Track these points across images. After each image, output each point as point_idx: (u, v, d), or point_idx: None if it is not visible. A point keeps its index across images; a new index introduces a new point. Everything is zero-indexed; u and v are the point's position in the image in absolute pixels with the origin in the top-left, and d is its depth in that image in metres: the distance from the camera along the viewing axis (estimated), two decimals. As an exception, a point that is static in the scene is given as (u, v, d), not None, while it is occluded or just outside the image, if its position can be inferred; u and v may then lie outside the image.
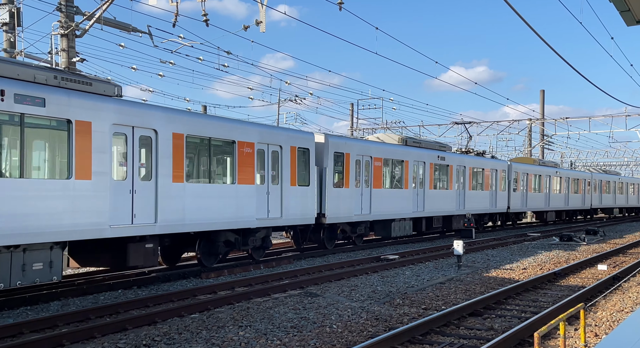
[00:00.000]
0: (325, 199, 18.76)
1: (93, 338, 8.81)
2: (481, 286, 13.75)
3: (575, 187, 42.46)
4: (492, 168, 30.75)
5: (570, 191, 41.06)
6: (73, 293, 12.08)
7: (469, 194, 28.14)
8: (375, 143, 22.81)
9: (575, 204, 42.35)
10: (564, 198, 40.06)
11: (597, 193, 46.79)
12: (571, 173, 42.57)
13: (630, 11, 7.25)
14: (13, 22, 17.44)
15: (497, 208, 31.23)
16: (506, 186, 31.95)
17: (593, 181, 46.02)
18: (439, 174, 26.10)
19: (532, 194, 35.08)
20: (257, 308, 10.90)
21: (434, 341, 8.78)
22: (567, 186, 40.39)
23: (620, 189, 53.02)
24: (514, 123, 46.60)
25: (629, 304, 11.68)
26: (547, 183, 37.29)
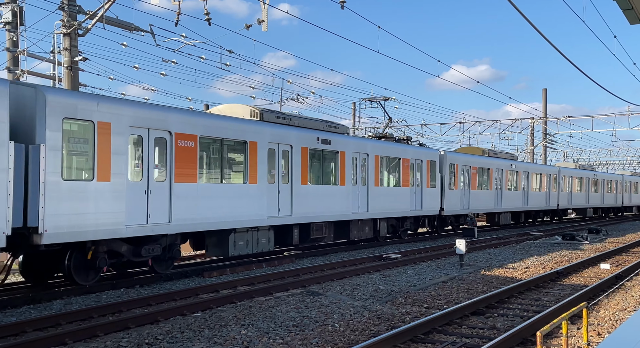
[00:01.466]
0: None
1: (96, 336, 8.83)
2: (483, 285, 13.74)
3: (538, 183, 36.49)
4: (415, 158, 23.94)
5: (531, 188, 35.30)
6: (75, 292, 12.09)
7: (375, 193, 21.12)
8: None
9: (537, 204, 36.23)
10: (522, 196, 34.06)
11: (565, 191, 40.29)
12: (532, 166, 36.59)
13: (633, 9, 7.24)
14: (16, 21, 17.47)
15: (424, 210, 24.58)
16: (438, 182, 25.75)
17: (561, 177, 39.45)
18: (320, 164, 18.69)
19: (477, 193, 28.97)
20: (260, 306, 10.91)
21: (437, 340, 8.77)
22: (526, 182, 34.44)
23: (595, 186, 46.28)
24: (516, 122, 46.58)
25: (631, 303, 11.66)
26: (499, 179, 31.23)
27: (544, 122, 48.40)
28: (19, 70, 17.89)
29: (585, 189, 43.67)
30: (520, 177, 33.83)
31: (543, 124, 48.56)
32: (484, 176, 29.86)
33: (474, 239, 24.68)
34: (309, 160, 17.80)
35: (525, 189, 34.34)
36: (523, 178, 34.21)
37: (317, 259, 18.49)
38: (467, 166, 28.14)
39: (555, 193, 38.46)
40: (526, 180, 34.50)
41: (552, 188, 37.94)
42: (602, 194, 47.52)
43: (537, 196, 36.09)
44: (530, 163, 43.59)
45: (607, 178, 48.76)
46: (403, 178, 23.17)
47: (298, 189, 17.41)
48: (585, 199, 43.95)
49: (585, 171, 44.86)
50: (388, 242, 23.72)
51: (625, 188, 52.59)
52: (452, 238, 24.37)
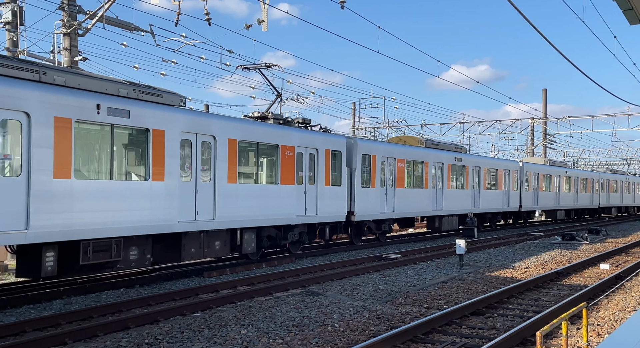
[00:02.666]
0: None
1: (96, 336, 8.83)
2: (483, 286, 13.74)
3: (494, 181, 30.63)
4: (306, 146, 17.74)
5: (483, 186, 29.47)
6: (75, 291, 12.10)
7: (228, 192, 14.87)
8: None
9: (492, 206, 30.37)
10: (471, 196, 28.28)
11: (531, 191, 34.73)
12: (484, 160, 30.74)
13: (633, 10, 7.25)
14: (16, 21, 17.47)
15: (321, 216, 18.42)
16: (344, 179, 19.50)
17: (524, 174, 33.76)
18: (122, 151, 12.81)
19: (405, 192, 23.04)
20: (259, 306, 10.91)
21: (436, 340, 8.78)
22: (477, 179, 28.59)
23: (567, 185, 40.34)
24: (516, 122, 46.60)
25: (631, 303, 11.67)
26: (438, 175, 25.53)
27: (543, 123, 48.43)
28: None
29: (555, 189, 38.24)
30: (468, 173, 28.00)
31: (543, 124, 48.59)
32: (416, 172, 24.00)
33: (474, 239, 24.69)
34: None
35: (476, 188, 28.74)
36: (472, 174, 28.41)
37: (317, 259, 18.49)
38: (389, 158, 22.05)
39: (516, 192, 32.76)
40: (477, 177, 28.84)
41: (513, 187, 32.26)
42: (576, 194, 41.90)
43: (491, 196, 30.29)
44: (485, 156, 39.04)
45: (581, 176, 43.27)
46: (284, 172, 16.84)
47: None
48: (555, 199, 38.22)
49: (555, 167, 39.15)
50: (387, 242, 23.72)
51: (602, 187, 47.63)
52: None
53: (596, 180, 46.15)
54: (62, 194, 10.92)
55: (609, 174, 50.19)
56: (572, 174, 41.12)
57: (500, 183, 31.21)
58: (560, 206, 39.23)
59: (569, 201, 40.63)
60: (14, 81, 10.50)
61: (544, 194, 36.55)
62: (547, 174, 37.26)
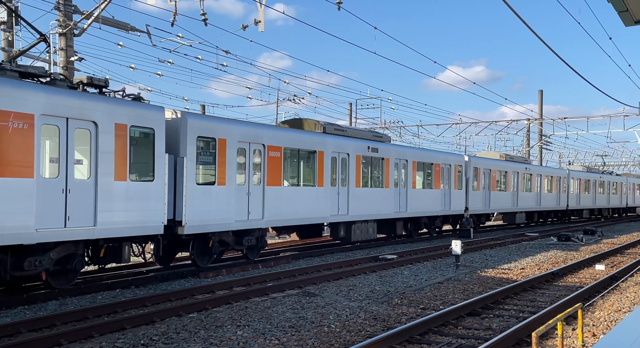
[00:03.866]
0: None
1: (91, 337, 8.80)
2: (479, 286, 13.76)
3: (399, 177, 23.20)
4: (63, 116, 11.21)
5: (387, 184, 22.27)
6: (71, 292, 12.06)
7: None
8: None
9: (382, 212, 22.04)
10: (336, 196, 19.74)
11: (480, 191, 29.56)
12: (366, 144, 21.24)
13: (628, 11, 7.27)
14: (11, 21, 17.41)
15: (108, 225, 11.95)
16: (163, 173, 13.21)
17: (470, 170, 28.63)
18: None
19: (278, 192, 16.98)
20: (256, 307, 10.90)
21: (432, 341, 8.78)
22: (346, 170, 20.07)
23: (529, 183, 35.59)
24: (512, 123, 46.71)
25: (626, 304, 11.70)
26: (343, 170, 19.89)
27: (539, 124, 48.54)
28: (15, 70, 17.81)
29: (512, 188, 33.03)
30: (389, 167, 22.22)
31: (539, 125, 48.70)
32: (306, 164, 18.66)
33: (470, 240, 24.73)
34: None
35: (402, 187, 23.18)
36: (396, 169, 22.67)
37: (314, 260, 18.49)
38: (253, 144, 16.01)
39: (460, 191, 27.25)
40: (404, 173, 23.35)
41: (455, 185, 26.93)
42: (539, 194, 36.74)
43: (425, 196, 24.65)
44: (417, 147, 32.85)
45: (545, 173, 37.94)
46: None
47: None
48: (513, 200, 33.05)
49: (512, 163, 33.41)
50: (384, 243, 23.73)
51: (572, 187, 42.25)
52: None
53: (563, 178, 40.74)
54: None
55: (580, 172, 44.67)
56: (534, 172, 36.10)
57: (437, 180, 25.44)
58: (520, 208, 33.82)
59: (530, 202, 35.30)
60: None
61: (498, 194, 31.34)
62: (502, 171, 31.95)
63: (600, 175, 48.47)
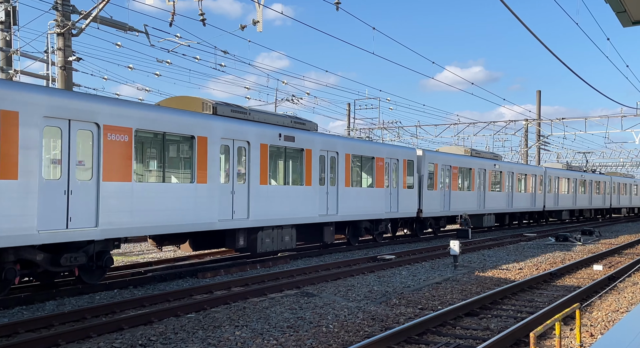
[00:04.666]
0: None
1: (89, 337, 8.79)
2: (477, 286, 13.77)
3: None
4: None
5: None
6: (69, 292, 12.05)
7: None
8: None
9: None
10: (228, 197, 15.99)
11: (438, 190, 26.26)
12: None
13: (626, 12, 7.27)
14: (9, 21, 17.39)
15: None
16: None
17: (425, 165, 25.10)
18: None
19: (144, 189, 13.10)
20: (254, 308, 10.90)
21: (430, 341, 8.79)
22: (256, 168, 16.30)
23: (498, 180, 32.17)
24: (510, 124, 46.74)
25: (624, 304, 11.71)
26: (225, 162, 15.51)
27: (537, 124, 48.59)
28: (12, 70, 17.81)
29: (479, 187, 29.85)
30: (311, 161, 18.40)
31: (537, 125, 48.75)
32: (145, 151, 13.74)
33: (468, 240, 24.75)
34: None
35: (329, 184, 19.24)
36: (322, 164, 18.88)
37: (312, 260, 18.49)
38: (51, 118, 11.14)
39: (409, 191, 23.91)
40: (335, 169, 19.52)
41: (404, 184, 23.44)
42: (509, 194, 33.21)
43: (364, 196, 21.13)
44: (354, 138, 28.66)
45: (517, 171, 34.71)
46: None
47: None
48: (479, 201, 29.80)
49: (478, 159, 30.31)
50: (382, 243, 23.73)
51: (550, 186, 38.94)
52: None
53: (539, 176, 37.33)
54: None
55: (559, 170, 41.11)
56: (504, 169, 32.79)
57: (380, 177, 21.90)
58: (488, 210, 30.65)
59: (499, 203, 32.07)
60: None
61: (460, 194, 28.11)
62: (465, 167, 28.73)
63: (582, 173, 45.09)
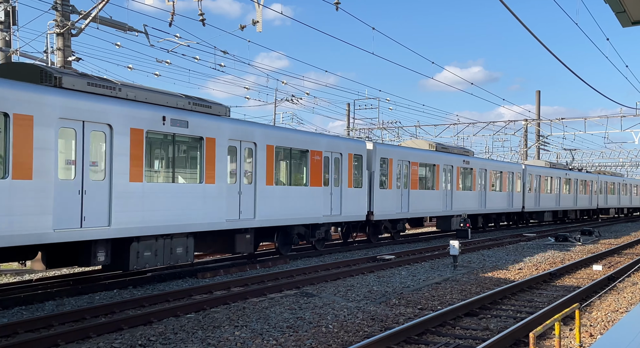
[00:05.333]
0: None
1: (88, 338, 8.79)
2: (477, 287, 13.77)
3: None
4: None
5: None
6: (68, 292, 12.05)
7: None
8: None
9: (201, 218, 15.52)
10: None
11: (383, 189, 22.21)
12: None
13: (625, 12, 7.27)
14: (8, 21, 17.38)
15: None
16: None
17: (374, 159, 21.67)
18: None
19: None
20: (253, 308, 10.90)
21: (430, 341, 8.79)
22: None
23: (468, 178, 28.63)
24: (509, 124, 46.76)
25: (623, 304, 11.72)
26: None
27: (537, 124, 48.60)
28: (12, 70, 17.78)
29: (445, 186, 26.27)
30: (213, 155, 14.85)
31: (536, 126, 48.77)
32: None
33: (468, 240, 24.75)
34: None
35: (242, 181, 15.70)
36: (224, 156, 15.16)
37: (311, 260, 18.49)
38: None
39: (357, 190, 20.72)
40: (252, 163, 16.16)
41: (349, 183, 20.18)
42: (482, 193, 29.62)
43: (292, 196, 17.61)
44: (286, 127, 25.54)
45: (492, 168, 31.00)
46: None
47: None
48: (444, 201, 26.26)
49: (444, 154, 26.48)
50: (380, 244, 23.73)
51: (530, 185, 35.34)
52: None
53: (517, 174, 34.04)
54: None
55: (540, 168, 37.70)
56: (476, 165, 29.28)
57: (316, 174, 18.51)
58: (456, 211, 27.20)
59: (470, 203, 28.63)
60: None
61: (421, 194, 24.54)
62: (427, 163, 25.09)
63: (567, 172, 41.28)
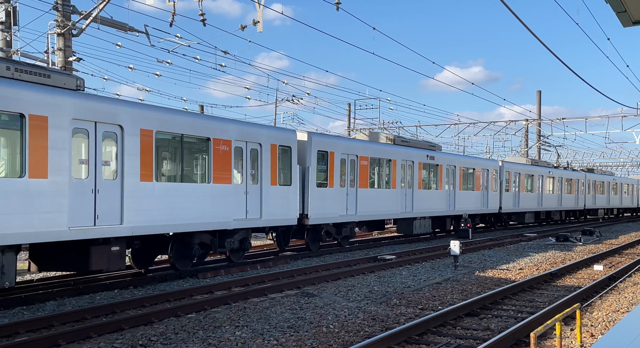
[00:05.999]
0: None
1: (89, 338, 8.79)
2: (478, 287, 13.76)
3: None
4: None
5: None
6: (69, 293, 12.05)
7: None
8: None
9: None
10: None
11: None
12: None
13: (626, 12, 7.27)
14: (9, 21, 17.38)
15: None
16: None
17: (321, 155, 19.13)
18: None
19: None
20: (254, 308, 10.90)
21: (431, 341, 8.79)
22: None
23: (434, 177, 25.68)
24: (510, 124, 46.73)
25: (624, 304, 11.71)
26: None
27: (537, 124, 48.58)
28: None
29: (403, 184, 23.33)
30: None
31: (537, 126, 48.74)
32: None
33: (468, 240, 24.74)
34: None
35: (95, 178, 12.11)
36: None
37: (312, 260, 18.48)
38: None
39: (284, 188, 17.41)
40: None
41: (266, 179, 16.56)
42: (450, 193, 26.57)
43: (189, 196, 14.18)
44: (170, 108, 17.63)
45: (462, 164, 27.85)
46: None
47: None
48: (403, 202, 23.43)
49: (398, 148, 23.50)
50: (382, 243, 23.73)
51: (509, 183, 32.38)
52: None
53: (493, 172, 31.39)
54: None
55: (519, 166, 34.31)
56: (443, 161, 26.04)
57: (223, 169, 15.12)
58: (418, 213, 24.34)
59: (436, 204, 25.65)
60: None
61: (372, 193, 21.57)
62: (380, 158, 22.18)
63: (550, 169, 38.39)
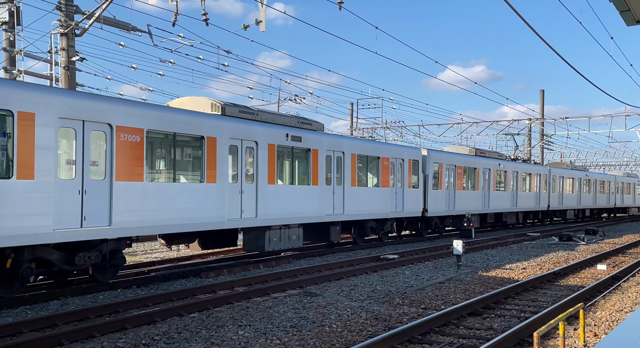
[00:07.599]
0: None
1: (92, 337, 8.81)
2: (480, 286, 13.75)
3: None
4: None
5: None
6: (72, 292, 12.08)
7: None
8: None
9: None
10: None
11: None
12: None
13: (630, 11, 7.26)
14: (13, 21, 17.43)
15: None
16: None
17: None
18: None
19: None
20: (257, 307, 10.90)
21: (434, 341, 8.78)
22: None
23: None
24: (513, 123, 46.64)
25: (628, 304, 11.69)
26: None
27: (541, 124, 48.49)
28: (16, 70, 17.86)
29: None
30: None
31: (540, 125, 48.65)
32: None
33: (471, 240, 24.71)
34: None
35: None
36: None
37: (315, 260, 18.49)
38: None
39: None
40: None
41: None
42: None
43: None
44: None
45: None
46: None
47: None
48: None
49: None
50: (384, 243, 23.72)
51: (439, 178, 25.85)
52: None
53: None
54: None
55: (451, 156, 27.32)
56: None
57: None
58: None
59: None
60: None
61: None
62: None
63: (500, 162, 32.40)
